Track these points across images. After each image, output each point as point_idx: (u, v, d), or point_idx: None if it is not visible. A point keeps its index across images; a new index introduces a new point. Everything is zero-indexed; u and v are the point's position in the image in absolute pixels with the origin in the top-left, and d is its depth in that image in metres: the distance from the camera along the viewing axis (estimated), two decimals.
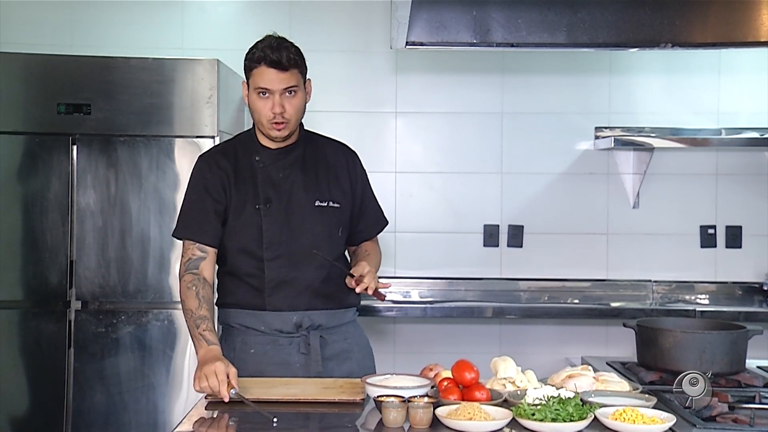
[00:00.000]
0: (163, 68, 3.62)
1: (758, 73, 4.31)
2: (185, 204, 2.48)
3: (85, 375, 3.57)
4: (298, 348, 2.38)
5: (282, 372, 2.36)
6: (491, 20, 2.54)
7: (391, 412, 1.92)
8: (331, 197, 2.44)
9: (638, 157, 4.28)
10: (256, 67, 2.36)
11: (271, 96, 2.35)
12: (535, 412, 1.90)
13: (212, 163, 2.45)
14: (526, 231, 4.33)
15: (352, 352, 2.47)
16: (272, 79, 2.33)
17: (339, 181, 2.48)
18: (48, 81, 3.62)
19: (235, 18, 4.34)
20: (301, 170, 2.44)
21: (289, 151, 2.46)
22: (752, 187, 4.32)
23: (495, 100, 4.35)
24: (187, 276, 2.37)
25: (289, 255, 2.37)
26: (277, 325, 2.37)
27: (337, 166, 2.50)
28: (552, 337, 4.27)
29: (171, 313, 3.61)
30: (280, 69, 2.33)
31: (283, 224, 2.38)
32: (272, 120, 2.36)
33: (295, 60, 2.36)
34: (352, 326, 2.51)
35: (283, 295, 2.35)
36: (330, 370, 2.40)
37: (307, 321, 2.38)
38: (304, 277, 2.38)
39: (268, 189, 2.40)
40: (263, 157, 2.44)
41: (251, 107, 2.42)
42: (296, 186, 2.42)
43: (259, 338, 2.39)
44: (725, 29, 2.57)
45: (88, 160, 3.60)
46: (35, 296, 3.60)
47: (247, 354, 2.39)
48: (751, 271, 4.31)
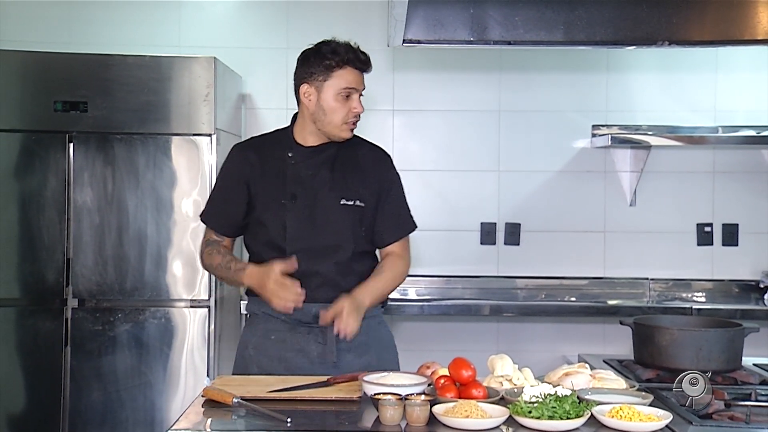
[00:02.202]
0: (160, 66, 3.62)
1: (755, 71, 4.31)
2: (212, 192, 2.63)
3: (82, 373, 3.56)
4: (315, 338, 2.44)
5: (300, 358, 2.44)
6: (488, 18, 2.54)
7: (388, 409, 1.92)
8: (357, 196, 2.48)
9: (635, 155, 4.28)
10: (341, 68, 2.41)
11: (352, 96, 2.43)
12: (532, 410, 1.90)
13: (240, 157, 2.54)
14: (523, 229, 4.33)
15: (371, 346, 2.50)
16: (358, 81, 2.44)
17: (367, 181, 2.52)
18: (45, 78, 3.62)
19: (233, 16, 4.34)
20: (330, 169, 2.49)
21: (322, 150, 2.51)
22: (749, 185, 4.32)
23: (492, 97, 4.35)
24: (206, 248, 2.57)
25: (310, 249, 2.43)
26: (297, 315, 2.42)
27: (367, 167, 2.54)
28: (549, 334, 4.28)
29: (168, 311, 3.60)
30: (363, 70, 2.45)
31: (306, 219, 2.44)
32: (350, 120, 2.44)
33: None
34: (374, 321, 2.53)
35: (304, 288, 2.38)
36: (348, 362, 2.44)
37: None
38: (324, 272, 2.44)
39: (295, 185, 2.46)
40: (296, 154, 2.50)
41: (326, 109, 2.44)
42: (323, 184, 2.47)
43: (280, 326, 2.46)
44: (722, 27, 2.57)
45: (85, 158, 3.60)
46: (32, 294, 3.60)
47: (268, 340, 2.48)
48: (747, 268, 4.32)
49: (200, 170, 3.62)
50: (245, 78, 4.28)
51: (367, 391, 2.10)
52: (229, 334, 3.94)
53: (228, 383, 2.24)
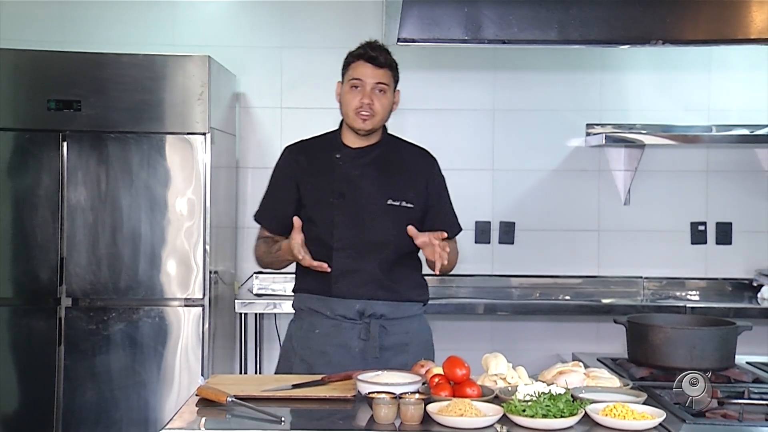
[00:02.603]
0: (153, 64, 3.61)
1: (749, 70, 4.32)
2: (265, 192, 2.71)
3: (75, 372, 3.56)
4: (358, 334, 2.52)
5: (342, 353, 2.50)
6: (483, 17, 2.54)
7: (382, 408, 1.92)
8: (404, 197, 2.56)
9: (629, 154, 4.29)
10: (354, 62, 2.55)
11: (362, 88, 2.52)
12: (526, 408, 1.91)
13: (290, 158, 2.66)
14: (517, 228, 4.34)
15: (410, 345, 2.57)
16: (366, 73, 2.53)
17: (414, 183, 2.60)
18: (38, 77, 3.61)
19: (227, 14, 4.33)
20: (377, 170, 2.58)
21: (369, 151, 2.60)
22: (742, 184, 4.33)
23: (486, 96, 4.35)
24: (256, 242, 2.69)
25: (356, 246, 2.52)
26: (341, 310, 2.51)
27: (414, 169, 2.63)
28: (543, 333, 4.28)
29: (162, 310, 3.60)
30: (375, 65, 2.53)
31: (353, 217, 2.53)
32: (359, 110, 2.52)
33: (390, 62, 2.56)
34: (415, 320, 2.61)
35: (348, 284, 2.50)
36: (386, 359, 2.51)
37: (369, 309, 2.52)
38: (369, 269, 2.52)
39: (343, 184, 2.55)
40: (343, 155, 2.59)
41: (342, 100, 2.58)
42: (370, 184, 2.56)
43: (325, 321, 2.54)
44: (716, 26, 2.57)
45: (79, 157, 3.59)
46: (25, 293, 3.59)
47: (312, 333, 2.55)
48: (741, 267, 4.33)
49: (194, 169, 3.62)
50: (240, 77, 4.27)
51: (361, 390, 2.10)
52: (223, 333, 3.94)
53: (222, 382, 2.24)
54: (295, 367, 2.54)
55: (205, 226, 3.61)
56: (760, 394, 2.25)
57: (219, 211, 3.81)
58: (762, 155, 4.33)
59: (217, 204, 3.77)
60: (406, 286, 2.58)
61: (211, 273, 3.64)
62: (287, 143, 4.64)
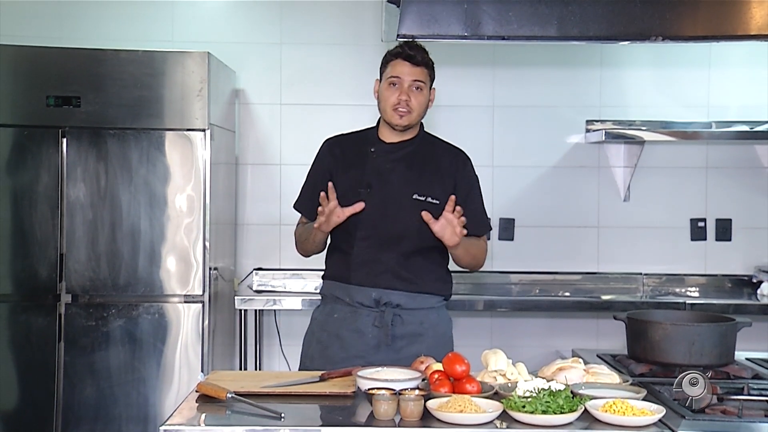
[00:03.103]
0: (153, 61, 3.61)
1: (748, 66, 4.32)
2: (304, 181, 2.80)
3: (75, 369, 3.56)
4: (373, 321, 2.59)
5: (356, 338, 2.59)
6: (482, 13, 2.54)
7: (382, 404, 1.92)
8: (430, 193, 2.61)
9: (629, 150, 4.29)
10: (393, 60, 2.64)
11: (400, 85, 2.61)
12: (526, 405, 1.91)
13: (326, 151, 2.75)
14: (517, 224, 4.34)
15: (425, 336, 2.63)
16: (404, 71, 2.61)
17: (443, 180, 2.66)
18: (37, 73, 3.61)
19: (226, 10, 4.33)
20: (407, 165, 2.66)
21: (402, 146, 2.68)
22: (742, 180, 4.34)
23: (486, 93, 4.35)
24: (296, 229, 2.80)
25: (378, 237, 2.60)
26: (358, 298, 2.60)
27: (444, 167, 2.69)
28: (543, 329, 4.29)
29: (162, 306, 3.60)
30: (412, 63, 2.61)
31: (379, 209, 2.59)
32: (397, 106, 2.60)
33: (426, 61, 2.65)
34: (433, 312, 2.68)
35: (366, 272, 2.59)
36: (399, 348, 2.58)
37: (385, 298, 2.59)
38: (387, 259, 2.60)
39: (372, 176, 2.64)
40: (378, 149, 2.68)
41: (380, 97, 2.66)
42: (399, 178, 2.64)
43: (344, 307, 2.63)
44: (715, 23, 2.57)
45: (78, 153, 3.59)
46: (25, 290, 3.59)
47: (331, 317, 2.65)
48: (740, 263, 4.33)
49: (194, 165, 3.62)
50: (239, 73, 4.27)
51: (361, 386, 2.10)
52: (222, 329, 3.94)
53: (222, 378, 2.24)
54: (312, 348, 2.65)
55: (204, 223, 3.61)
56: (760, 390, 2.25)
57: (218, 207, 3.81)
58: (761, 152, 4.33)
59: (217, 200, 3.77)
60: (425, 279, 2.65)
61: (210, 269, 3.65)
62: (286, 139, 4.66)
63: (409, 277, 2.61)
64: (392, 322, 2.57)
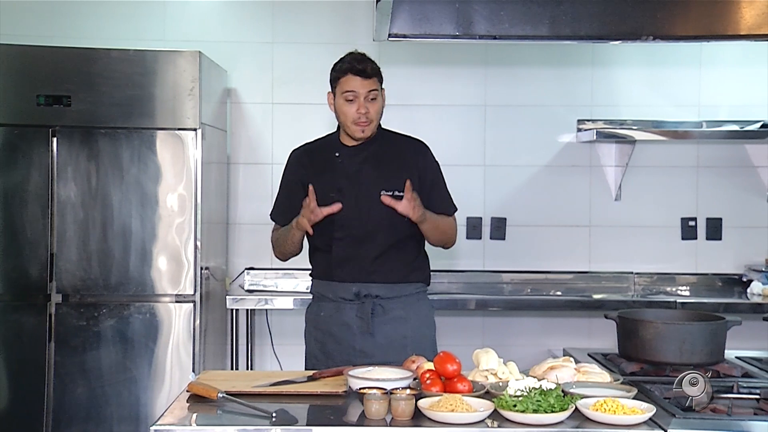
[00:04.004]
0: (144, 60, 3.60)
1: (738, 66, 4.33)
2: (278, 192, 2.92)
3: (66, 369, 3.54)
4: (356, 312, 2.72)
5: (344, 332, 2.73)
6: (474, 12, 2.54)
7: (373, 404, 1.92)
8: (398, 187, 2.70)
9: (620, 149, 4.30)
10: (344, 76, 2.73)
11: (356, 99, 2.71)
12: (517, 404, 1.91)
13: (295, 162, 2.86)
14: (508, 223, 4.34)
15: (409, 319, 2.77)
16: (357, 85, 2.71)
17: (408, 172, 2.74)
18: (27, 72, 3.59)
19: (217, 10, 4.32)
20: (373, 164, 2.77)
21: (364, 147, 2.79)
22: (732, 180, 4.35)
23: (478, 92, 4.35)
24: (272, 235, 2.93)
25: (354, 236, 2.73)
26: (341, 293, 2.75)
27: (406, 160, 2.81)
28: (534, 328, 4.29)
29: (153, 306, 3.59)
30: (364, 77, 2.72)
31: (352, 209, 2.71)
32: (358, 120, 2.71)
33: (376, 70, 2.75)
34: (414, 298, 2.81)
35: (348, 269, 2.74)
36: (385, 333, 2.72)
37: (365, 291, 2.73)
38: (365, 255, 2.74)
39: (342, 180, 2.76)
40: (342, 154, 2.79)
41: (338, 111, 2.76)
42: (367, 178, 2.76)
43: (329, 304, 2.78)
44: (706, 23, 2.58)
45: (69, 153, 3.57)
46: (15, 289, 3.58)
47: (319, 316, 2.80)
48: (731, 262, 4.35)
49: (185, 165, 3.61)
50: (230, 72, 4.26)
51: (352, 386, 2.10)
52: (214, 329, 3.93)
53: (213, 378, 2.24)
54: (312, 347, 2.79)
55: (196, 222, 3.61)
56: (749, 388, 2.26)
57: (210, 206, 3.80)
58: (752, 151, 4.35)
59: (208, 200, 3.76)
60: (403, 269, 2.78)
61: (202, 269, 3.64)
62: (278, 139, 4.65)
63: (387, 270, 2.74)
64: (373, 311, 2.71)
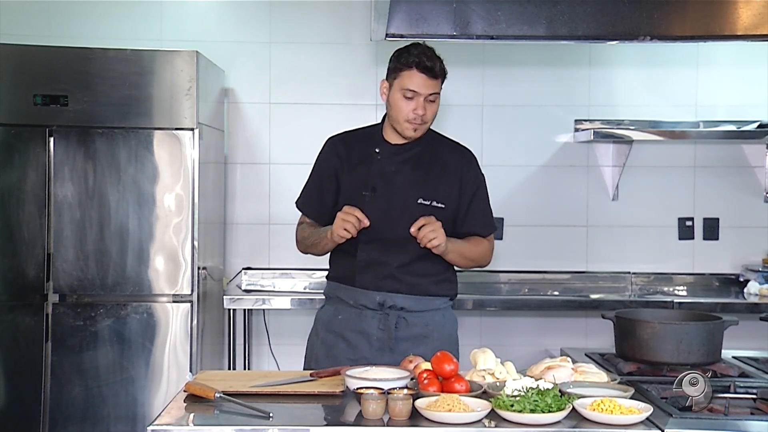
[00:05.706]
0: (141, 60, 3.60)
1: (735, 66, 4.34)
2: (307, 180, 2.72)
3: (62, 368, 3.54)
4: (378, 323, 2.56)
5: (360, 339, 2.56)
6: (471, 12, 2.54)
7: (370, 404, 1.92)
8: (435, 197, 2.57)
9: (617, 149, 4.30)
10: (408, 70, 2.52)
11: (416, 98, 2.52)
12: (514, 404, 1.91)
13: (331, 149, 2.67)
14: (506, 223, 4.35)
15: (430, 338, 2.59)
16: (421, 84, 2.52)
17: (449, 181, 2.61)
18: (24, 72, 3.59)
19: (215, 9, 4.31)
20: (413, 168, 2.60)
21: (408, 148, 2.61)
22: (729, 180, 4.36)
23: (475, 92, 4.35)
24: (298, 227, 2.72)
25: (382, 241, 2.55)
26: (363, 300, 2.57)
27: (450, 167, 2.64)
28: (532, 328, 4.30)
29: (150, 306, 3.59)
30: (430, 76, 2.53)
31: (382, 212, 2.53)
32: (412, 120, 2.53)
33: (443, 70, 2.58)
34: (438, 314, 2.63)
35: (371, 276, 2.56)
36: (404, 350, 2.52)
37: (390, 301, 2.56)
38: (391, 263, 2.56)
39: (377, 179, 2.57)
40: (382, 150, 2.61)
41: (392, 105, 2.56)
42: (404, 181, 2.58)
43: (348, 308, 2.60)
44: (703, 23, 2.58)
45: (66, 152, 3.57)
46: (12, 289, 3.57)
47: (335, 319, 2.62)
48: (727, 262, 4.36)
49: (182, 165, 3.61)
50: (228, 72, 4.26)
51: (349, 386, 2.10)
52: (211, 329, 3.93)
53: (210, 378, 2.24)
54: (316, 348, 2.62)
55: (193, 222, 3.60)
56: (746, 388, 2.26)
57: (207, 206, 3.80)
58: (749, 151, 4.35)
59: (206, 200, 3.76)
60: (430, 281, 2.60)
61: (199, 269, 3.64)
62: (275, 138, 4.64)
63: (413, 281, 2.57)
64: (396, 324, 2.55)
